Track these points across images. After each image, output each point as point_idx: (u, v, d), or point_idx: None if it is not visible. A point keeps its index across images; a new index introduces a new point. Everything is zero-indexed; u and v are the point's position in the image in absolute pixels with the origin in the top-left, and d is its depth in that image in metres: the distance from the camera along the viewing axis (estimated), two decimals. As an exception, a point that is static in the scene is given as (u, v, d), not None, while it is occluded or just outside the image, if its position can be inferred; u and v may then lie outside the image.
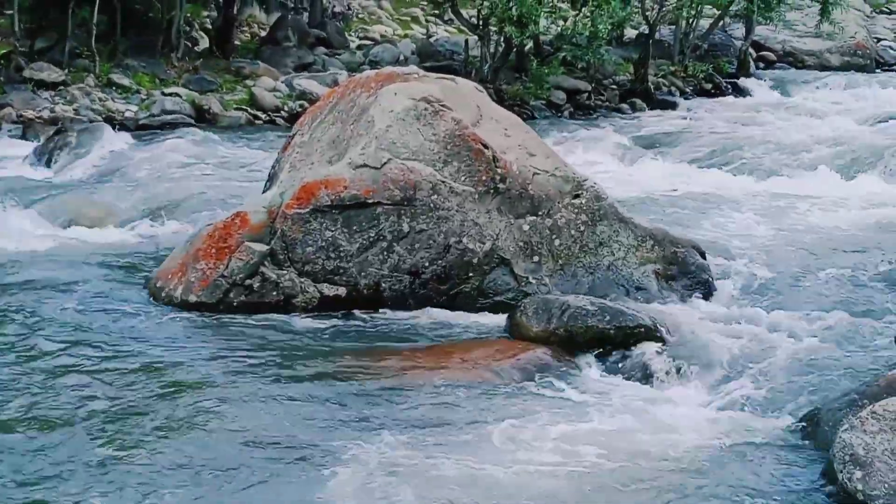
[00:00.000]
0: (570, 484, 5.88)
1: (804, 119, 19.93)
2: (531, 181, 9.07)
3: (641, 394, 7.23)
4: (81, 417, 6.46)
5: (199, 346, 7.79)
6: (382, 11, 28.28)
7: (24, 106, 17.89)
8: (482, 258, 8.86)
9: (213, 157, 14.86)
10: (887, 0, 35.31)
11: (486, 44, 21.03)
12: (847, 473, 5.66)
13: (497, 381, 7.28)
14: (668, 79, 23.65)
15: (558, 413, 6.73)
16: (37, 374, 7.09)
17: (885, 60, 29.33)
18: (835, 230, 11.44)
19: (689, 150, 16.62)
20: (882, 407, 5.82)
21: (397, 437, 6.34)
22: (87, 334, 7.90)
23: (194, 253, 8.79)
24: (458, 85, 9.68)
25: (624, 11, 21.38)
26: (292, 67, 21.71)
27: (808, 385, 7.16)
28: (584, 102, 21.87)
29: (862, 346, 7.96)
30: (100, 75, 19.29)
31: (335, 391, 7.01)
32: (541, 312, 8.10)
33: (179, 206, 12.00)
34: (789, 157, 15.59)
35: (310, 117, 9.98)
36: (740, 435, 6.58)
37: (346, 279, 8.73)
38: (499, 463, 6.04)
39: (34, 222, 11.27)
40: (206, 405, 6.67)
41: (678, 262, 9.13)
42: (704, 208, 12.49)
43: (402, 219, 8.77)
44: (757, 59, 27.15)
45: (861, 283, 9.58)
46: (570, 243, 9.01)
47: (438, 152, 8.95)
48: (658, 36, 23.71)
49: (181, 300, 8.61)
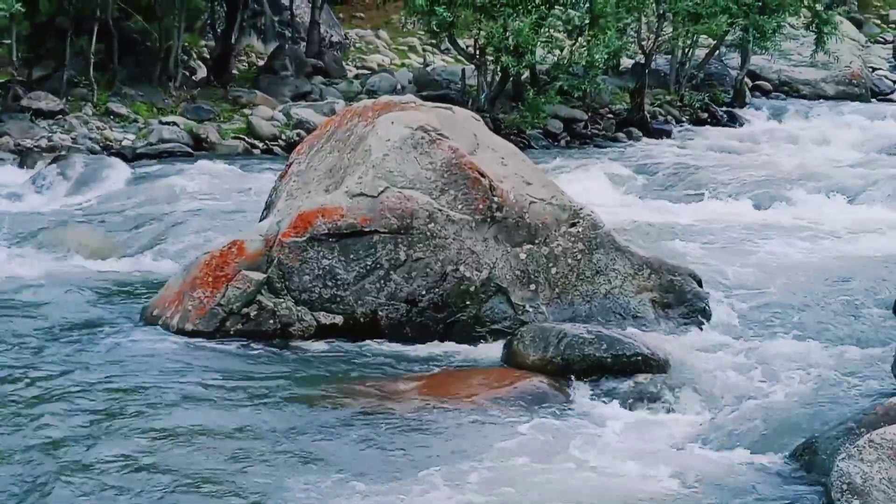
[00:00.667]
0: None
1: (800, 148, 20.00)
2: (528, 210, 9.09)
3: (638, 422, 7.21)
4: (75, 443, 6.44)
5: (195, 374, 7.77)
6: (380, 41, 28.38)
7: (22, 135, 17.91)
8: (479, 286, 8.87)
9: (211, 186, 14.87)
10: (882, 30, 35.49)
11: (482, 73, 21.11)
12: (845, 502, 5.64)
13: (494, 409, 7.27)
14: (665, 108, 23.73)
15: (555, 442, 6.72)
16: (32, 401, 7.08)
17: (880, 90, 29.42)
18: (832, 258, 11.46)
19: (686, 179, 16.66)
20: (879, 435, 5.80)
21: (392, 465, 6.33)
22: (83, 362, 7.88)
23: (191, 281, 8.80)
24: (455, 114, 9.71)
25: (620, 41, 21.46)
26: (290, 96, 21.76)
27: (805, 413, 7.15)
28: (581, 131, 21.92)
29: (859, 375, 7.95)
30: (98, 104, 19.33)
31: (331, 419, 6.99)
32: (538, 341, 8.09)
33: (176, 235, 12.02)
34: (785, 185, 15.62)
35: (307, 146, 10.01)
36: (737, 464, 6.56)
37: (343, 307, 8.73)
38: (494, 492, 6.02)
39: (31, 251, 11.28)
40: (201, 432, 6.66)
41: (675, 291, 9.13)
42: (701, 236, 12.51)
43: (399, 247, 8.79)
44: (752, 89, 27.22)
45: (858, 311, 9.59)
46: (566, 272, 9.02)
47: (435, 181, 8.97)
48: (654, 65, 23.81)
49: (178, 328, 8.61)
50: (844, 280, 10.56)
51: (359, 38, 28.27)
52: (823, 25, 25.32)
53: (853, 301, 9.80)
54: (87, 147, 17.86)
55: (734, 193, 15.43)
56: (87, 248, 11.37)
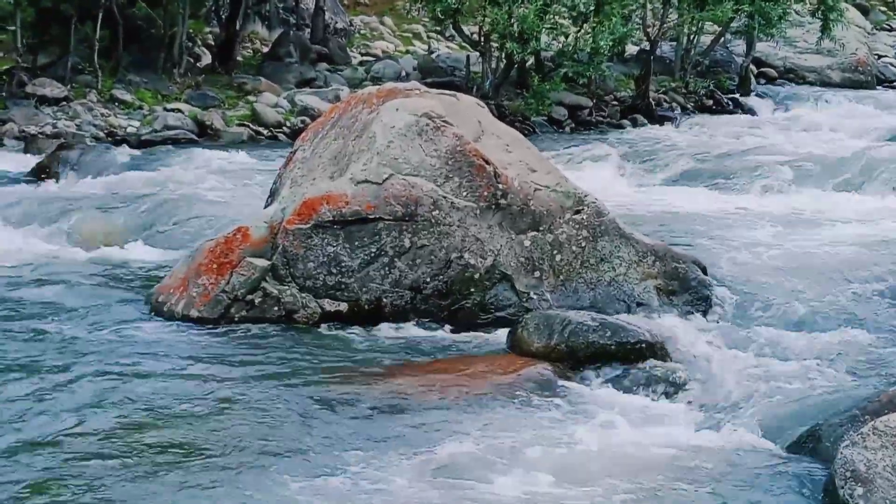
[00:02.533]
0: (568, 499, 5.87)
1: (805, 135, 19.94)
2: (532, 197, 9.08)
3: (642, 409, 7.22)
4: (81, 429, 6.46)
5: (199, 360, 7.78)
6: (384, 28, 28.34)
7: (27, 121, 17.92)
8: (483, 274, 8.87)
9: (215, 173, 14.87)
10: (888, 17, 35.39)
11: (487, 60, 21.07)
12: (848, 490, 5.65)
13: (498, 396, 7.27)
14: (670, 95, 23.68)
15: (559, 429, 6.72)
16: (36, 387, 7.09)
17: (885, 77, 29.34)
18: (836, 246, 11.43)
19: (690, 166, 16.62)
20: (884, 423, 5.81)
21: (396, 451, 6.34)
22: (88, 348, 7.90)
23: (196, 268, 8.80)
24: (460, 101, 9.70)
25: (625, 28, 21.42)
26: (294, 83, 21.74)
27: (810, 401, 7.15)
28: (586, 118, 21.89)
29: (863, 362, 7.96)
30: (102, 91, 19.32)
31: (335, 406, 7.00)
32: (542, 328, 8.09)
33: (181, 222, 12.02)
34: (790, 172, 15.57)
35: (312, 133, 10.01)
36: (741, 451, 6.57)
37: (348, 294, 8.74)
38: (498, 479, 6.03)
39: (36, 238, 11.29)
40: (204, 418, 6.67)
41: (679, 278, 9.13)
42: (705, 224, 12.49)
43: (403, 234, 8.79)
44: (758, 76, 27.16)
45: (864, 299, 9.58)
46: (571, 259, 9.02)
47: (440, 168, 8.97)
48: (659, 52, 23.75)
49: (182, 315, 8.62)
50: (849, 268, 10.53)
51: (363, 24, 28.24)
52: (829, 12, 25.26)
53: (858, 289, 9.78)
54: (91, 134, 17.87)
55: (739, 181, 15.40)
56: (91, 235, 11.39)
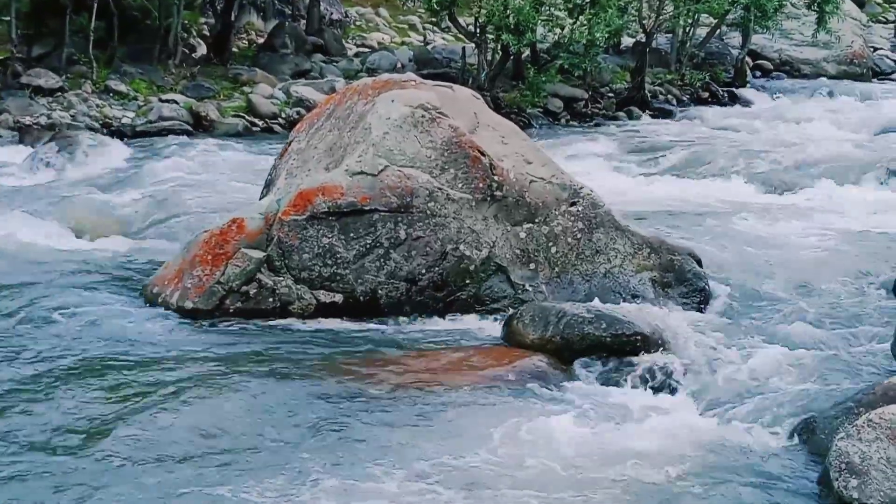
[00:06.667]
0: (564, 491, 5.88)
1: (800, 128, 19.95)
2: (528, 189, 9.08)
3: (637, 401, 7.22)
4: (75, 419, 6.46)
5: (193, 351, 7.78)
6: (380, 19, 28.28)
7: (22, 112, 17.88)
8: (479, 265, 8.87)
9: (210, 164, 14.86)
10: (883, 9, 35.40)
11: (483, 51, 21.05)
12: (843, 482, 5.66)
13: (493, 388, 7.27)
14: (665, 87, 23.68)
15: (553, 421, 6.72)
16: (30, 378, 7.09)
17: (881, 70, 29.36)
18: (832, 238, 11.45)
19: (686, 159, 16.63)
20: (878, 415, 5.82)
21: (390, 442, 6.34)
22: (82, 339, 7.89)
23: (191, 259, 8.79)
24: (456, 92, 9.69)
25: (621, 20, 21.40)
26: (289, 74, 21.72)
27: (804, 393, 7.16)
28: (581, 110, 21.89)
29: (858, 355, 7.97)
30: (97, 82, 19.30)
31: (329, 398, 7.00)
32: (537, 320, 8.09)
33: (175, 213, 12.00)
34: (785, 165, 15.60)
35: (307, 124, 9.99)
36: (736, 443, 6.58)
37: (343, 286, 8.73)
38: (493, 470, 6.04)
39: (30, 228, 11.25)
40: (199, 409, 6.67)
41: (674, 270, 9.13)
42: (701, 216, 12.49)
43: (398, 226, 8.78)
44: (753, 68, 27.17)
45: (858, 292, 9.59)
46: (566, 251, 9.02)
47: (435, 159, 8.96)
48: (655, 44, 23.75)
49: (177, 306, 8.61)
50: (845, 260, 10.55)
51: (359, 15, 28.18)
52: (825, 5, 25.28)
53: (853, 281, 9.80)
54: (86, 125, 17.84)
55: (734, 173, 15.39)
56: (86, 226, 11.37)
